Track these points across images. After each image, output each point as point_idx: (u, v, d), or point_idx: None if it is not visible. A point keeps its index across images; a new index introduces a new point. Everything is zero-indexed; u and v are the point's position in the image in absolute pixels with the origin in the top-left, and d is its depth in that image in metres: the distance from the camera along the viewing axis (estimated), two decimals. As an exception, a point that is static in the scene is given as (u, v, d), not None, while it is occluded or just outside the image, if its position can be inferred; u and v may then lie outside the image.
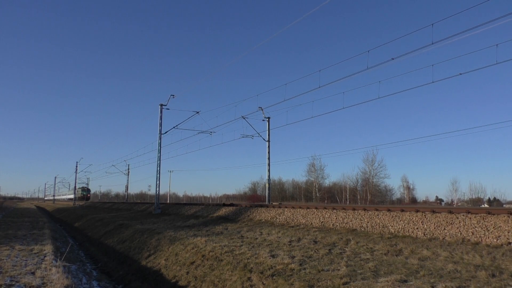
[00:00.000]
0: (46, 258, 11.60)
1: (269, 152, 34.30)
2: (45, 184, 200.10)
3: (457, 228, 11.47)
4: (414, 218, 13.14)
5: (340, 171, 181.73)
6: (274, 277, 8.57)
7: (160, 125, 34.81)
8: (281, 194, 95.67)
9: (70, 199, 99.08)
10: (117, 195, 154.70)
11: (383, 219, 14.09)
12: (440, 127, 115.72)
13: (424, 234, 12.01)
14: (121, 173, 71.40)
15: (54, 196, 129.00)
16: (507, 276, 7.28)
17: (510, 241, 9.94)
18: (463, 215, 12.11)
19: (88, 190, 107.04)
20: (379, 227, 13.70)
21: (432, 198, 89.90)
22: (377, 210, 15.59)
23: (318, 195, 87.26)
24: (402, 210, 14.60)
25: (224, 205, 27.92)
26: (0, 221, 28.29)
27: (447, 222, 12.00)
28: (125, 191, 76.08)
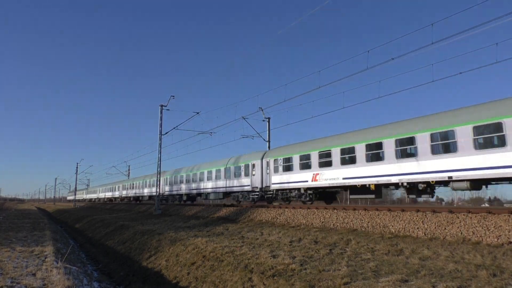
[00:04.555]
0: (47, 259, 11.60)
1: (269, 153, 33.97)
2: (46, 185, 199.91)
3: (458, 227, 11.46)
4: (414, 218, 13.13)
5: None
6: (275, 278, 8.57)
7: (160, 126, 34.81)
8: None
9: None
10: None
11: (384, 219, 14.08)
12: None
13: (424, 233, 12.01)
14: (121, 174, 71.27)
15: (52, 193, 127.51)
16: (508, 275, 7.27)
17: (511, 240, 9.94)
18: (463, 215, 12.11)
19: None
20: (380, 227, 13.69)
21: (432, 198, 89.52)
22: (377, 210, 15.58)
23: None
24: (403, 210, 14.60)
25: (225, 205, 27.89)
26: (0, 222, 28.29)
27: (447, 222, 11.99)
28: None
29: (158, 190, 34.42)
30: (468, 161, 13.58)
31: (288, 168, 23.01)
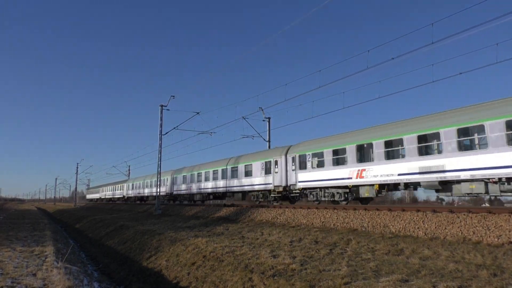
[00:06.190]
0: (47, 259, 11.61)
1: (269, 153, 34.12)
2: (46, 185, 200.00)
3: (458, 227, 11.46)
4: (415, 218, 13.13)
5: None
6: (275, 278, 8.57)
7: (161, 126, 34.84)
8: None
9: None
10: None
11: (384, 218, 14.08)
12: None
13: (425, 233, 12.00)
14: (121, 174, 71.25)
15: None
16: (508, 275, 7.27)
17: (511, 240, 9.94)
18: (464, 215, 12.11)
19: None
20: (380, 226, 13.69)
21: (433, 198, 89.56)
22: (378, 210, 15.58)
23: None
24: (403, 210, 14.60)
25: (225, 205, 27.91)
26: (1, 222, 28.30)
27: (448, 222, 11.99)
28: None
29: (158, 190, 34.43)
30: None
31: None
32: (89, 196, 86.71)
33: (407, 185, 16.49)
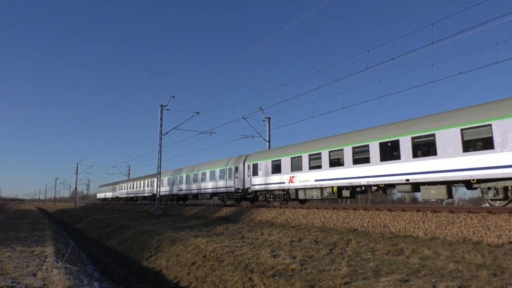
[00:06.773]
0: (47, 259, 11.61)
1: (269, 153, 33.87)
2: (46, 185, 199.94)
3: (458, 227, 11.46)
4: (415, 218, 13.13)
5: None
6: (275, 278, 8.57)
7: (161, 126, 34.82)
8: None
9: None
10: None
11: (384, 218, 14.08)
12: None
13: (425, 233, 12.00)
14: (121, 174, 71.23)
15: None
16: (508, 275, 7.27)
17: None
18: (464, 215, 12.11)
19: None
20: (380, 226, 13.69)
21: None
22: (378, 209, 15.58)
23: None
24: (403, 210, 14.60)
25: (225, 205, 27.90)
26: (1, 222, 28.30)
27: (448, 222, 11.99)
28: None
29: (158, 190, 34.44)
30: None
31: None
32: (100, 196, 73.75)
33: None
